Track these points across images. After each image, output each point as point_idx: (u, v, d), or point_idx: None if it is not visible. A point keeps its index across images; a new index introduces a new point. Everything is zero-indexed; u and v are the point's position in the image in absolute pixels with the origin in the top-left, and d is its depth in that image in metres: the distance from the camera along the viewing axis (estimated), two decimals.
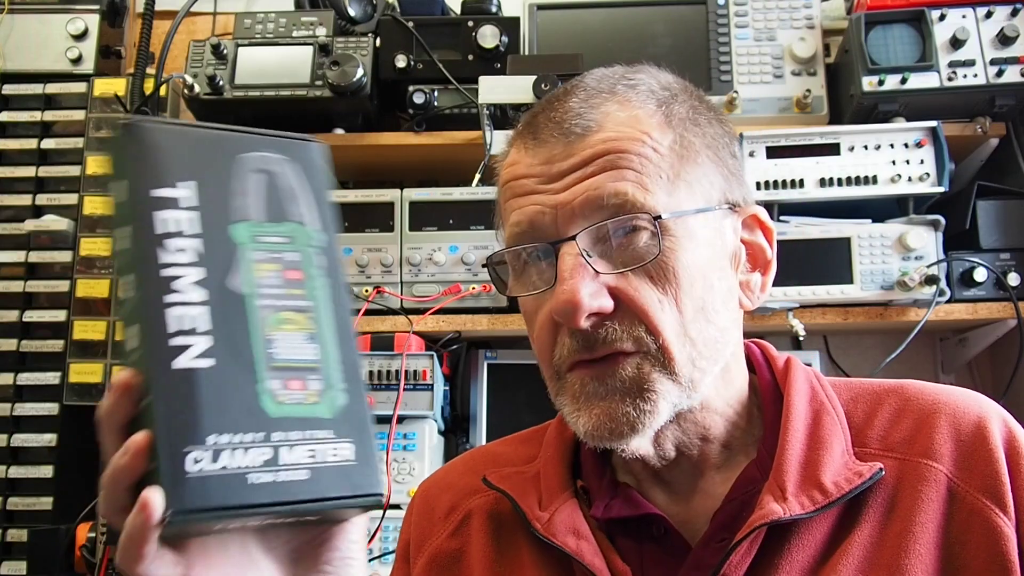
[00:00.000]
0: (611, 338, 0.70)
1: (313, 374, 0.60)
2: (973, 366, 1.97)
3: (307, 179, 0.64)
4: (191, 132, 0.61)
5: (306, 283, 0.62)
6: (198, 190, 0.59)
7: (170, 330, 0.55)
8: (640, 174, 0.71)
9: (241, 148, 0.62)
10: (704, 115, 0.77)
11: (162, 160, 0.58)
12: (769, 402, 0.80)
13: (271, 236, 0.61)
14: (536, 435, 0.91)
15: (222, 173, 0.61)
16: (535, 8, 1.93)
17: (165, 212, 0.58)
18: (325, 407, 0.59)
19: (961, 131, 1.76)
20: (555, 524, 0.77)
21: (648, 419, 0.70)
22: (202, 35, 2.08)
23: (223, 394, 0.56)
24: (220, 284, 0.58)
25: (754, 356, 0.84)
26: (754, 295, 0.79)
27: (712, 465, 0.78)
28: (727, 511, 0.75)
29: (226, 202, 0.60)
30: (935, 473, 0.72)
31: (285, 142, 0.64)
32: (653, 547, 0.76)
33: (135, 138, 0.58)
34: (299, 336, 0.60)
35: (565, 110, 0.74)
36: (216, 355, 0.56)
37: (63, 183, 1.96)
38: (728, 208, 0.76)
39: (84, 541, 1.71)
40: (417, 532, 0.89)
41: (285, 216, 0.62)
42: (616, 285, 0.71)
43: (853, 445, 0.76)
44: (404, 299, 1.72)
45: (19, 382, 1.87)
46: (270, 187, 0.62)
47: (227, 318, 0.57)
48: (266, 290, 0.60)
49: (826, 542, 0.72)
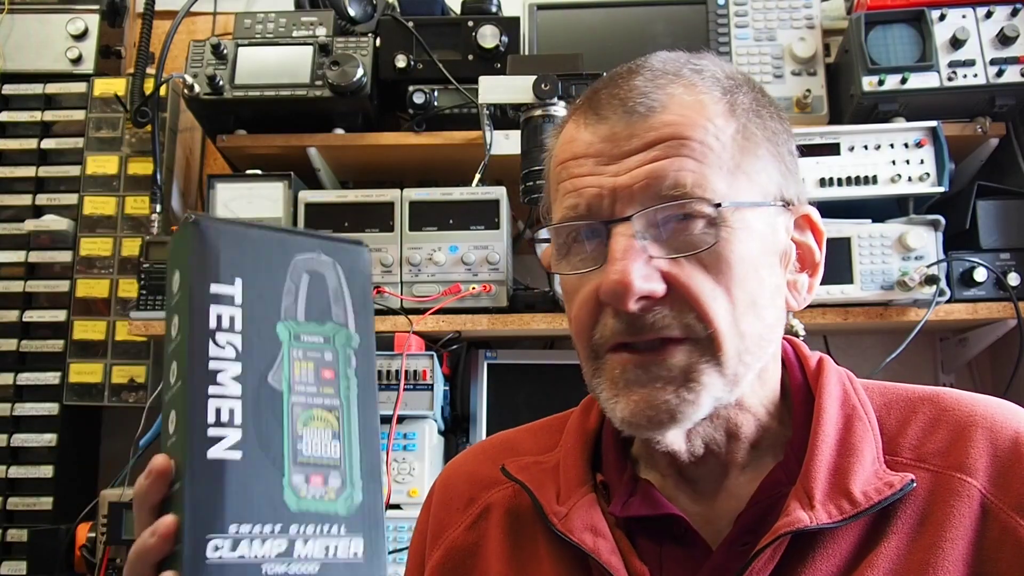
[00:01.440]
0: (660, 323, 0.69)
1: (334, 471, 0.63)
2: (973, 366, 1.97)
3: (351, 282, 0.67)
4: (245, 231, 0.64)
5: (338, 382, 0.65)
6: (251, 288, 0.62)
7: (209, 421, 0.58)
8: (701, 163, 0.69)
9: (296, 249, 0.65)
10: (766, 108, 0.76)
11: (221, 257, 0.62)
12: (799, 403, 0.78)
13: (312, 336, 0.64)
14: (556, 424, 0.89)
15: (277, 273, 0.64)
16: (535, 8, 1.93)
17: (219, 307, 0.61)
18: (342, 504, 0.62)
19: (961, 131, 1.76)
20: (572, 520, 0.75)
21: (690, 409, 0.69)
22: (202, 35, 2.08)
23: (249, 485, 0.58)
24: (260, 379, 0.61)
25: (786, 354, 0.82)
26: (800, 296, 0.77)
27: (738, 465, 0.76)
28: (751, 514, 0.73)
29: (276, 301, 0.63)
30: (968, 488, 0.70)
31: (337, 245, 0.68)
32: (673, 547, 0.75)
33: (195, 235, 0.61)
34: (326, 433, 0.63)
35: (630, 88, 0.72)
36: (245, 448, 0.59)
37: (63, 183, 1.96)
38: (783, 205, 0.75)
39: (84, 541, 1.71)
40: (435, 523, 0.88)
41: (327, 317, 0.65)
42: (669, 271, 0.69)
43: (884, 453, 0.73)
44: (404, 299, 1.72)
45: (19, 382, 1.87)
46: (318, 288, 0.66)
47: (261, 412, 0.60)
48: (300, 387, 0.63)
49: (852, 553, 0.69)
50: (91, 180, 1.94)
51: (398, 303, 1.72)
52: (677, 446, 0.74)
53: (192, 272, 0.61)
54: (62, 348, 1.88)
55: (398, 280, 1.73)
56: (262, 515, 0.58)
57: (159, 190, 1.90)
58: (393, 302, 1.72)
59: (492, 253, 1.72)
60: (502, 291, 1.71)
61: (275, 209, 1.75)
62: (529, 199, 1.62)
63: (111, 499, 1.66)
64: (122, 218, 1.93)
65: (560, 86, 1.61)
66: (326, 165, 1.93)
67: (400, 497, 1.65)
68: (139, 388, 1.87)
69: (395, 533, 1.63)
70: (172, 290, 0.63)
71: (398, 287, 1.73)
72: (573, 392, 0.85)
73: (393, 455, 1.65)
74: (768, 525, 0.70)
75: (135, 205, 1.93)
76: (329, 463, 0.62)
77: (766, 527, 0.70)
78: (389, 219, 1.74)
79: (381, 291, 1.72)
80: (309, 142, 1.86)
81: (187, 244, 0.61)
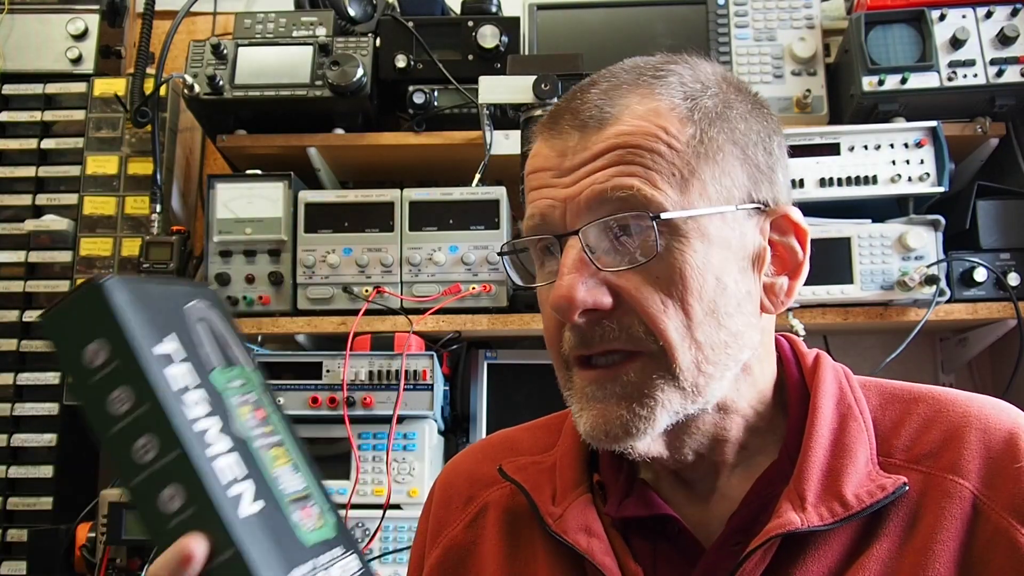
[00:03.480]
0: (608, 336, 0.69)
1: (310, 501, 0.63)
2: (973, 366, 1.97)
3: (226, 322, 0.66)
4: (147, 286, 0.61)
5: (270, 419, 0.64)
6: (179, 341, 0.60)
7: (224, 481, 0.56)
8: (650, 170, 0.69)
9: (182, 299, 0.63)
10: (737, 109, 0.74)
11: (145, 316, 0.58)
12: (795, 401, 0.77)
13: (235, 381, 0.63)
14: (556, 422, 0.90)
15: (183, 325, 0.62)
16: (535, 8, 1.93)
17: (170, 368, 0.58)
18: (329, 528, 0.63)
19: (961, 131, 1.76)
20: (567, 521, 0.76)
21: (643, 424, 0.69)
22: (202, 35, 2.08)
23: (278, 533, 0.58)
24: (229, 432, 0.60)
25: (783, 351, 0.81)
26: (778, 299, 0.76)
27: (728, 465, 0.77)
28: (743, 515, 0.74)
29: (197, 352, 0.61)
30: (961, 489, 0.70)
31: (199, 290, 0.66)
32: (667, 547, 0.75)
33: (114, 296, 0.57)
34: (288, 468, 0.63)
35: (584, 101, 0.73)
36: (260, 498, 0.58)
37: (63, 183, 1.96)
38: (754, 208, 0.73)
39: (84, 541, 1.71)
40: (435, 521, 0.89)
41: (233, 360, 0.64)
42: (618, 283, 0.69)
43: (878, 454, 0.73)
44: (404, 299, 1.72)
45: (19, 382, 1.87)
46: (213, 334, 0.64)
47: (249, 462, 0.59)
48: (254, 431, 0.62)
49: (843, 555, 0.70)
50: (91, 180, 1.94)
51: (398, 303, 1.72)
52: (656, 452, 0.74)
53: (127, 336, 0.56)
54: None
55: (398, 280, 1.73)
56: (297, 557, 0.59)
57: (159, 190, 1.90)
58: (393, 302, 1.72)
59: (492, 253, 1.72)
60: (502, 291, 1.71)
61: (275, 209, 1.75)
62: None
63: (111, 499, 1.66)
64: (122, 218, 1.93)
65: (560, 86, 1.61)
66: (326, 165, 1.93)
67: (400, 497, 1.65)
68: None
69: (395, 533, 1.63)
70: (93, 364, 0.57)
71: (398, 287, 1.73)
72: None
73: (393, 455, 1.65)
74: (761, 525, 0.71)
75: (135, 205, 1.93)
76: (304, 494, 0.63)
77: (758, 528, 0.71)
78: (389, 219, 1.75)
79: (381, 291, 1.72)
80: (309, 142, 1.86)
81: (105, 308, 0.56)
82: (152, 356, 0.57)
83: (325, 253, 1.74)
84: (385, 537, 1.63)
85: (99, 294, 0.57)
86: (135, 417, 0.56)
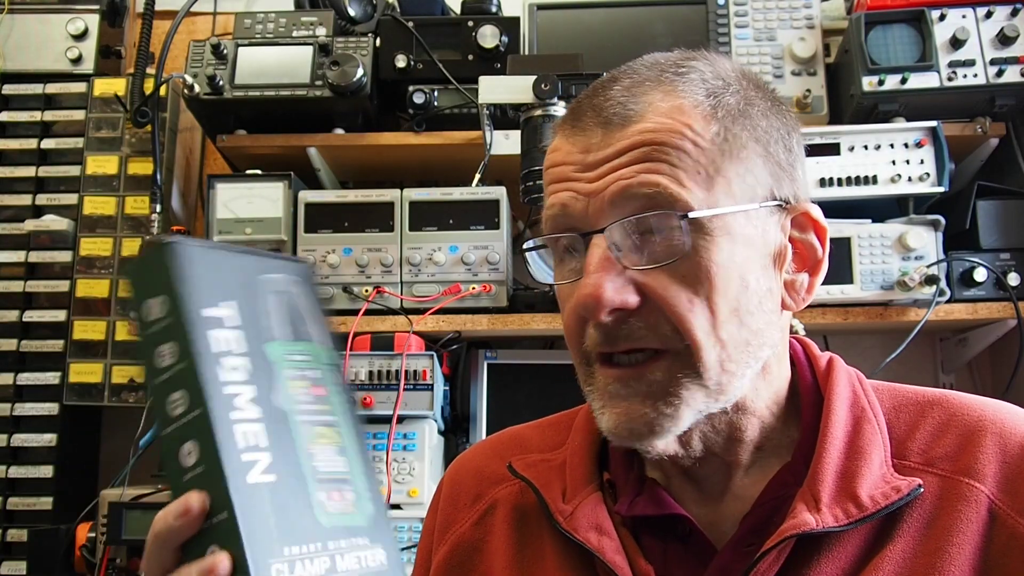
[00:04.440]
0: (634, 335, 0.69)
1: (347, 485, 0.63)
2: (973, 366, 1.97)
3: (311, 299, 0.67)
4: (219, 252, 0.63)
5: (329, 399, 0.65)
6: (239, 309, 0.61)
7: (240, 447, 0.57)
8: (676, 168, 0.68)
9: (260, 270, 0.65)
10: (758, 106, 0.74)
11: (206, 279, 0.60)
12: (808, 404, 0.77)
13: (297, 355, 0.64)
14: (565, 420, 0.89)
15: (252, 294, 0.63)
16: (535, 8, 1.92)
17: (217, 331, 0.60)
18: (360, 516, 0.63)
19: (961, 131, 1.76)
20: (578, 519, 0.76)
21: (668, 423, 0.69)
22: (202, 35, 2.08)
23: (288, 507, 0.58)
24: (267, 401, 0.60)
25: (796, 354, 0.81)
26: (799, 296, 0.76)
27: (742, 466, 0.76)
28: (756, 515, 0.73)
29: (258, 322, 0.63)
30: (976, 493, 0.70)
31: (289, 264, 0.67)
32: (678, 547, 0.75)
33: (177, 257, 0.60)
34: (332, 449, 0.63)
35: (607, 97, 0.72)
36: (277, 470, 0.59)
37: (63, 183, 1.96)
38: (775, 205, 0.73)
39: (84, 541, 1.71)
40: (442, 518, 0.88)
41: (303, 335, 0.65)
42: (644, 281, 0.69)
43: (893, 457, 0.73)
44: (404, 299, 1.72)
45: (19, 382, 1.87)
46: (288, 307, 0.65)
47: (279, 434, 0.60)
48: (302, 406, 0.63)
49: (858, 557, 0.69)
50: (91, 180, 1.94)
51: (398, 303, 1.72)
52: (671, 451, 0.74)
53: (181, 296, 0.59)
54: (62, 348, 1.88)
55: (398, 280, 1.73)
56: (305, 535, 0.59)
57: (159, 190, 1.90)
58: (393, 302, 1.72)
59: (492, 253, 1.72)
60: (502, 291, 1.71)
61: (275, 209, 1.76)
62: (529, 199, 1.62)
63: (111, 499, 1.66)
64: (122, 218, 1.93)
65: (560, 86, 1.61)
66: (326, 165, 1.93)
67: (400, 497, 1.65)
68: (139, 388, 1.87)
69: (395, 533, 1.63)
70: (147, 318, 0.60)
71: (398, 287, 1.73)
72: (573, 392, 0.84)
73: (393, 455, 1.65)
74: (773, 527, 0.70)
75: (135, 205, 1.93)
76: (341, 477, 0.63)
77: (771, 529, 0.70)
78: (389, 219, 1.75)
79: (381, 291, 1.72)
80: (309, 142, 1.86)
81: (166, 267, 0.59)
82: (200, 317, 0.59)
83: (325, 253, 1.74)
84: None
85: (164, 253, 0.60)
86: (174, 372, 0.59)
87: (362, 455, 0.65)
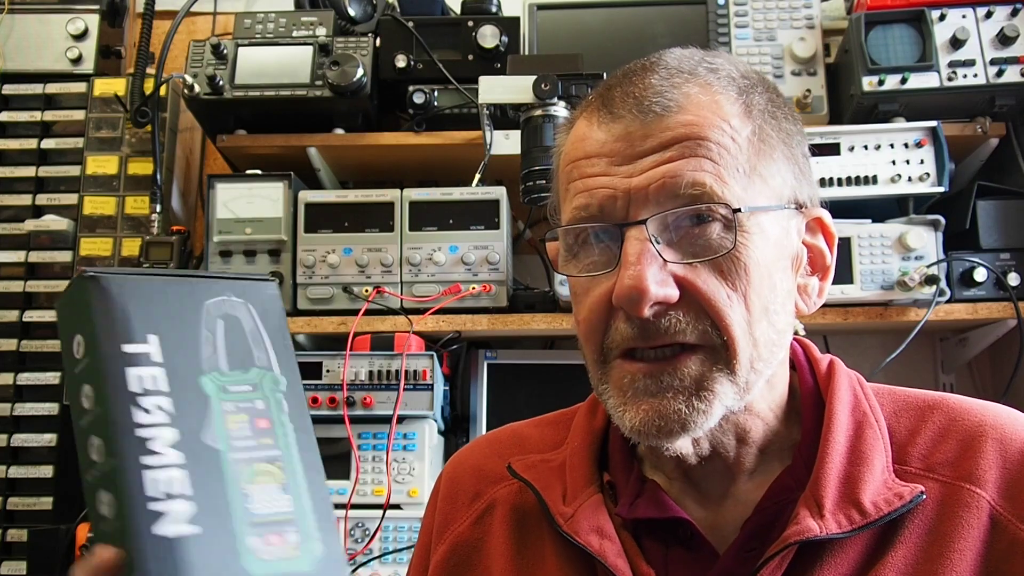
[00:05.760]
0: (674, 329, 0.68)
1: (290, 526, 0.59)
2: (973, 366, 1.97)
3: (266, 321, 0.63)
4: (151, 283, 0.59)
5: (274, 431, 0.61)
6: (165, 343, 0.58)
7: (149, 494, 0.53)
8: (718, 164, 0.68)
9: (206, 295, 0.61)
10: (781, 109, 0.74)
11: (129, 314, 0.57)
12: (809, 407, 0.77)
13: (239, 385, 0.60)
14: (564, 418, 0.89)
15: (190, 323, 0.59)
16: (535, 8, 1.92)
17: (138, 369, 0.56)
18: (305, 560, 0.58)
19: (961, 131, 1.76)
20: (578, 521, 0.75)
21: (701, 419, 0.68)
22: (202, 35, 2.08)
23: (208, 560, 0.54)
24: (195, 440, 0.56)
25: (796, 356, 0.81)
26: (811, 300, 0.76)
27: (745, 469, 0.76)
28: (758, 520, 0.73)
29: (195, 353, 0.59)
30: (977, 499, 0.69)
31: (245, 284, 0.63)
32: (679, 551, 0.74)
33: (97, 292, 0.56)
34: (273, 488, 0.59)
35: (645, 86, 0.70)
36: (200, 520, 0.54)
37: (63, 183, 1.96)
38: (795, 208, 0.73)
39: (84, 541, 1.71)
40: (441, 517, 0.87)
41: (250, 363, 0.62)
42: (684, 276, 0.68)
43: (894, 462, 0.73)
44: (404, 299, 1.72)
45: (19, 382, 1.87)
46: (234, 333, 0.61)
47: (205, 477, 0.56)
48: (238, 442, 0.58)
49: (860, 563, 0.69)
50: (91, 180, 1.94)
51: (398, 303, 1.72)
52: (686, 450, 0.74)
53: (99, 334, 0.56)
54: None
55: (398, 280, 1.73)
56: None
57: (159, 190, 1.90)
58: (393, 302, 1.72)
59: (492, 253, 1.72)
60: (502, 291, 1.71)
61: (275, 209, 1.75)
62: (529, 199, 1.62)
63: None
64: (122, 218, 1.93)
65: (560, 86, 1.61)
66: (326, 165, 1.93)
67: (400, 497, 1.65)
68: None
69: (395, 533, 1.64)
70: (74, 356, 0.57)
71: (398, 287, 1.73)
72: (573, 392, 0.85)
73: (393, 455, 1.66)
74: (775, 532, 0.70)
75: (135, 205, 1.93)
76: (283, 518, 0.58)
77: (773, 534, 0.70)
78: (389, 219, 1.75)
79: (381, 291, 1.72)
80: (309, 142, 1.86)
81: (87, 303, 0.56)
82: (119, 354, 0.56)
83: (325, 253, 1.74)
84: (385, 537, 1.63)
85: (85, 288, 0.57)
86: (93, 417, 0.56)
87: (313, 491, 0.60)
